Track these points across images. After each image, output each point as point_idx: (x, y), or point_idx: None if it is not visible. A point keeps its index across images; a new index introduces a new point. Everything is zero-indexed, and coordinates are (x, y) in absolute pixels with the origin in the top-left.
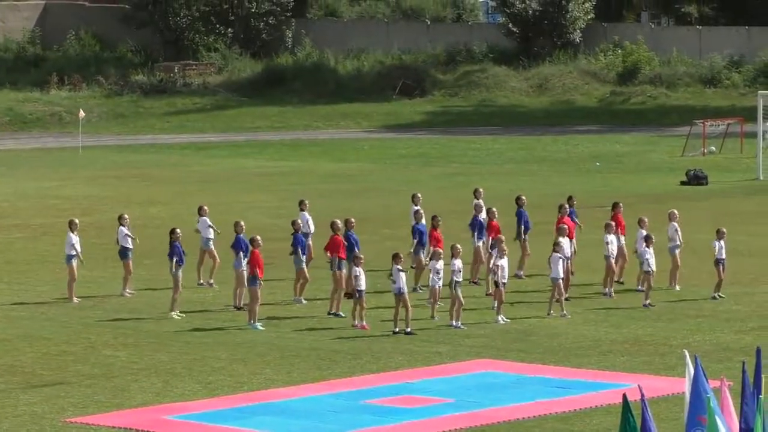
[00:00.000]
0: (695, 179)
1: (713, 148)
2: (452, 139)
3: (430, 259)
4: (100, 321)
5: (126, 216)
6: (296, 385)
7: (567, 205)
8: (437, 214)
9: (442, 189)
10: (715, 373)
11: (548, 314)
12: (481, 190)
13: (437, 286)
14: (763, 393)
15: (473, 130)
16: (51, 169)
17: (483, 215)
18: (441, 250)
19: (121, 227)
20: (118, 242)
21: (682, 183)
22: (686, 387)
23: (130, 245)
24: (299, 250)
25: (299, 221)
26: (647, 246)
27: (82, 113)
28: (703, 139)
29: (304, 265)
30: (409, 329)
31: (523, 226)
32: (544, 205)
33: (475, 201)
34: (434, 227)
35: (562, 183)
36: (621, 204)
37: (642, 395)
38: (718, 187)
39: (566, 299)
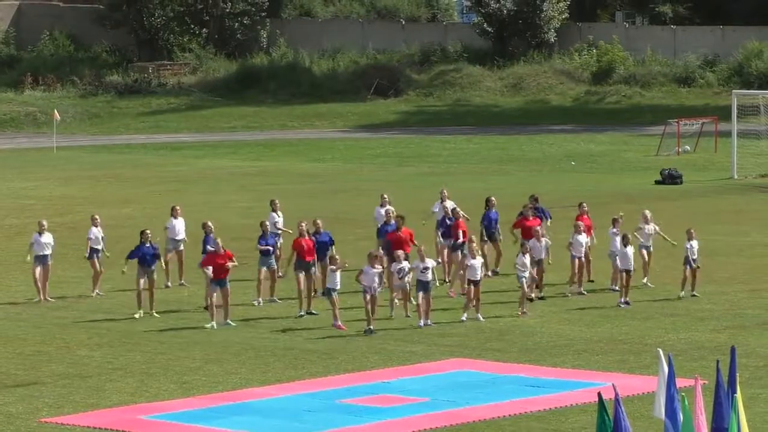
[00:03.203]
0: (670, 178)
1: (688, 147)
2: (427, 138)
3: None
4: (74, 321)
5: (98, 217)
6: (272, 385)
7: (529, 205)
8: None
9: (416, 188)
10: (689, 371)
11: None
12: (445, 191)
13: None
14: (738, 392)
15: (448, 129)
16: (25, 170)
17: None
18: (402, 253)
19: (93, 228)
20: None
21: (657, 182)
22: (659, 384)
23: (99, 246)
24: (269, 250)
25: (266, 222)
26: (625, 245)
27: (57, 115)
28: (678, 139)
29: (275, 265)
30: (371, 327)
31: (489, 227)
32: (518, 205)
33: (444, 202)
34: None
35: (536, 183)
36: (585, 204)
37: (616, 394)
38: (693, 187)
39: (541, 298)
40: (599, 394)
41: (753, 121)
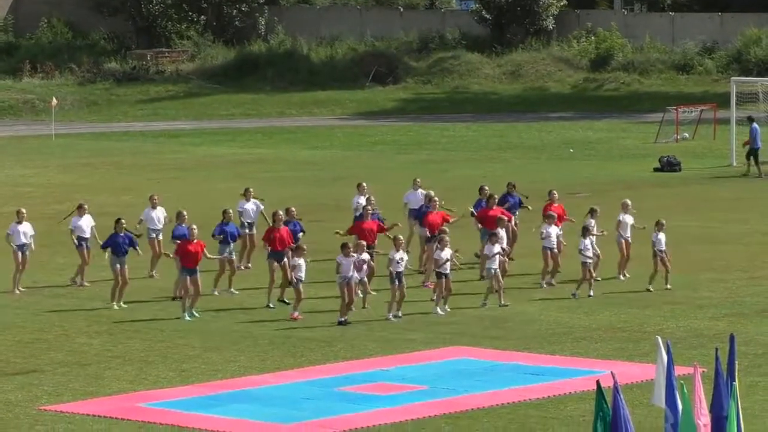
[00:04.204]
0: (668, 166)
1: (686, 134)
2: (425, 126)
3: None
4: (73, 309)
5: (86, 205)
6: (270, 373)
7: (498, 195)
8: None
9: (414, 176)
10: (688, 359)
11: (482, 305)
12: (419, 180)
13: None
14: (736, 380)
15: (446, 117)
16: (24, 157)
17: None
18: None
19: (86, 216)
20: (73, 231)
21: (656, 169)
22: (657, 372)
23: (87, 234)
24: (228, 239)
25: (230, 211)
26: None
27: (55, 101)
28: (676, 126)
29: (234, 256)
30: (344, 318)
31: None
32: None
33: (417, 191)
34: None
35: (535, 170)
36: (555, 193)
37: (615, 382)
38: (692, 174)
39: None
40: (598, 382)
41: (752, 108)
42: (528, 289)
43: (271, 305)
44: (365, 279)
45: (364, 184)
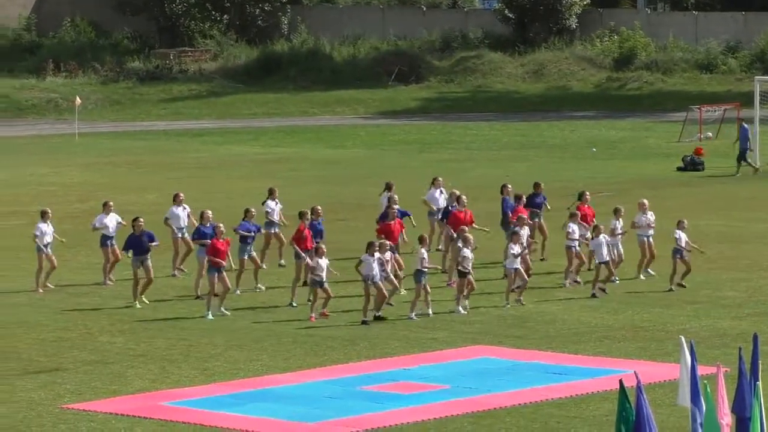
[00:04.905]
0: (692, 165)
1: (710, 133)
2: (448, 125)
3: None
4: (96, 308)
5: (111, 204)
6: (293, 372)
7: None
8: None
9: (437, 175)
10: (711, 359)
11: (505, 305)
12: (440, 179)
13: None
14: (760, 379)
15: (469, 116)
16: (47, 156)
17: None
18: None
19: (111, 214)
20: (96, 228)
21: (679, 169)
22: (681, 372)
23: (112, 233)
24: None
25: (252, 210)
26: (597, 235)
27: (78, 100)
28: (700, 125)
29: (246, 256)
30: (379, 313)
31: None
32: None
33: (438, 190)
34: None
35: (557, 169)
36: (588, 194)
37: (638, 381)
38: (715, 173)
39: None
40: (621, 382)
41: None
42: (550, 289)
43: (294, 304)
44: (391, 276)
45: (392, 183)
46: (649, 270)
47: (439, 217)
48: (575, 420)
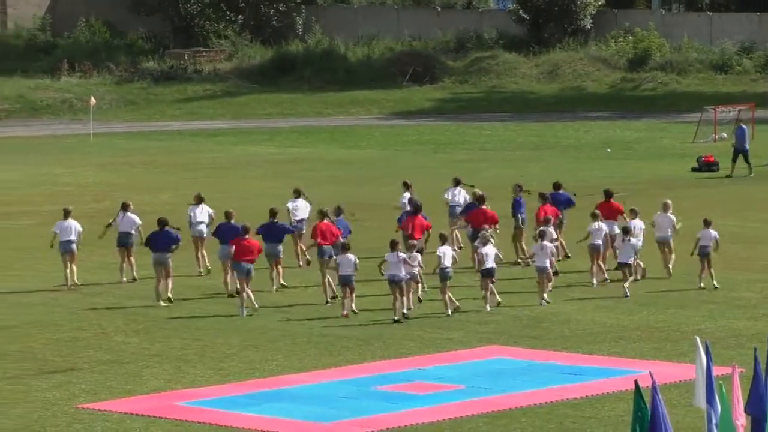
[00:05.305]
0: (706, 166)
1: (724, 134)
2: (462, 125)
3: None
4: (111, 307)
5: (131, 204)
6: (308, 372)
7: (548, 194)
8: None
9: (452, 176)
10: (727, 359)
11: (540, 303)
12: (460, 178)
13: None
14: None
15: (484, 116)
16: (62, 156)
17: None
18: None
19: (129, 214)
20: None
21: (693, 169)
22: (697, 373)
23: (131, 232)
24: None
25: (277, 209)
26: (625, 236)
27: (93, 100)
28: (714, 126)
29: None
30: (405, 311)
31: (520, 215)
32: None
33: (457, 188)
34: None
35: (572, 170)
36: (613, 192)
37: (653, 382)
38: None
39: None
40: (636, 382)
41: None
42: (564, 289)
43: (329, 302)
44: (417, 275)
45: (408, 182)
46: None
47: (458, 212)
48: (590, 420)
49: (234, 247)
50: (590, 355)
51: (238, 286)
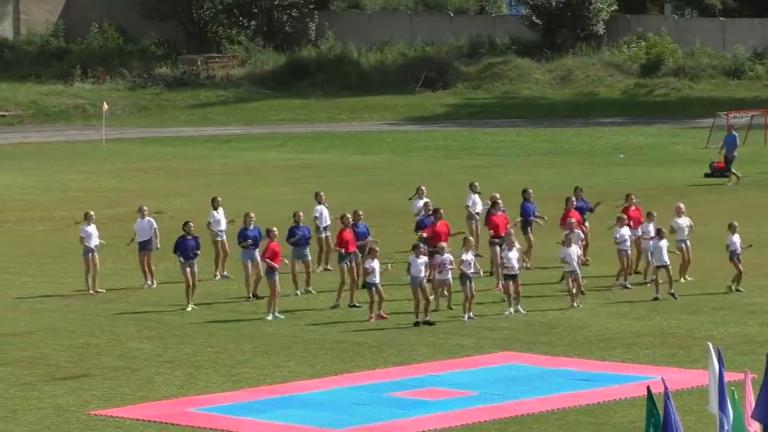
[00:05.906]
0: (719, 171)
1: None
2: (475, 131)
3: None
4: (123, 313)
5: (146, 209)
6: (320, 378)
7: (573, 198)
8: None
9: (465, 181)
10: (739, 365)
11: (572, 306)
12: (476, 184)
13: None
14: None
15: (496, 122)
16: (75, 162)
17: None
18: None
19: (147, 219)
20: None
21: (706, 175)
22: (709, 379)
23: (145, 237)
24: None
25: (300, 213)
26: (660, 238)
27: (105, 106)
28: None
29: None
30: (427, 317)
31: (524, 219)
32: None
33: (473, 195)
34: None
35: (585, 175)
36: (634, 196)
37: (665, 388)
38: (743, 179)
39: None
40: (648, 388)
41: None
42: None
43: (356, 304)
44: (449, 280)
45: (423, 188)
46: (686, 276)
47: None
48: (603, 426)
49: (267, 252)
50: (603, 362)
51: (270, 290)
